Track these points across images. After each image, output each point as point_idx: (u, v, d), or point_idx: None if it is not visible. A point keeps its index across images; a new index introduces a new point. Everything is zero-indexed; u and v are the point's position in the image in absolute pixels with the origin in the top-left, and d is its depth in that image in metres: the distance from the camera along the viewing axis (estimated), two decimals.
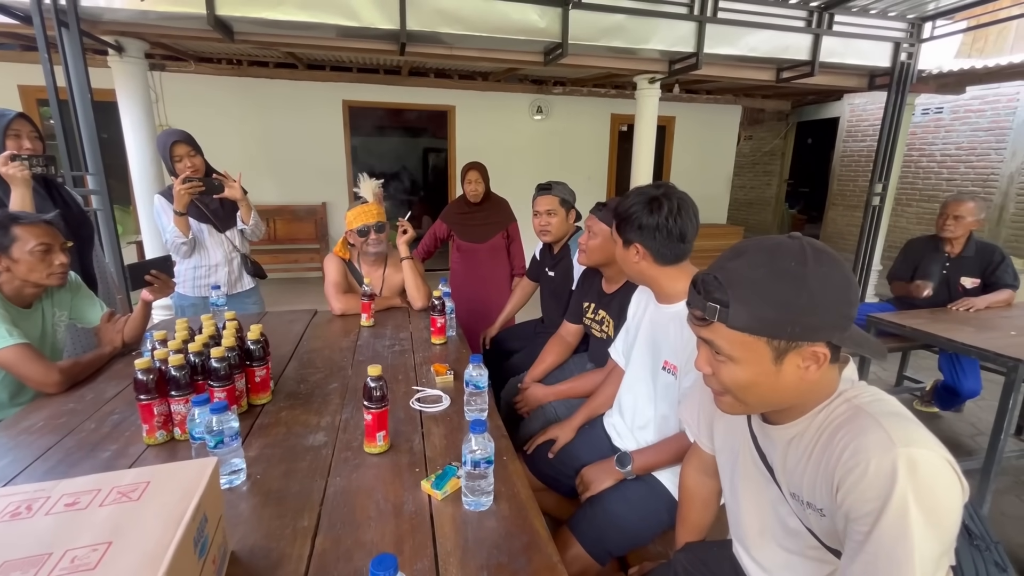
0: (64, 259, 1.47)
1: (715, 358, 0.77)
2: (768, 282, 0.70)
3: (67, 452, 1.12)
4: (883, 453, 0.62)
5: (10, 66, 4.76)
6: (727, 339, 0.73)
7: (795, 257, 0.70)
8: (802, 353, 0.71)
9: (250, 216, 2.25)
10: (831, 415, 0.73)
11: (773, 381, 0.73)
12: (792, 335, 0.70)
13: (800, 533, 0.81)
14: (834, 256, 0.72)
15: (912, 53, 4.32)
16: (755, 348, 0.72)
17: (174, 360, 1.14)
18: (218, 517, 0.78)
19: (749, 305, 0.70)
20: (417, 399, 1.39)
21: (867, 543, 0.63)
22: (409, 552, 0.84)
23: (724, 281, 0.72)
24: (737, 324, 0.71)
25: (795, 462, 0.77)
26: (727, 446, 0.95)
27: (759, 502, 0.89)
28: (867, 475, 0.63)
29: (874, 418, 0.66)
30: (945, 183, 6.09)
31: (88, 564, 0.57)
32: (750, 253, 0.73)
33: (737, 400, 0.78)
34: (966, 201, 2.59)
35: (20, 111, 1.76)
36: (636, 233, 1.23)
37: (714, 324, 0.74)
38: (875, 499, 0.62)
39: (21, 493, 0.70)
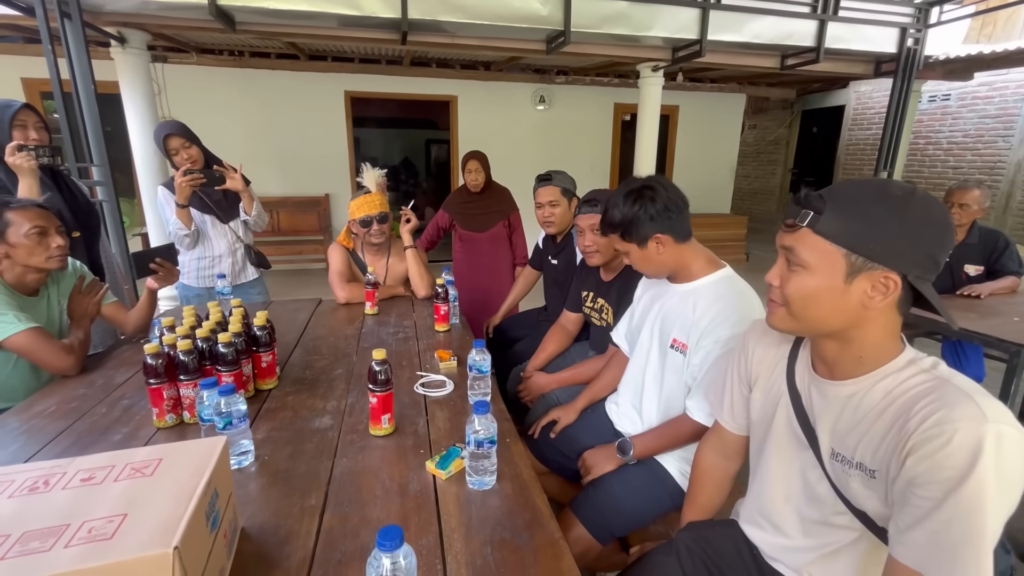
0: (61, 241, 1.46)
1: (788, 269, 0.79)
2: (869, 201, 0.73)
3: (79, 435, 1.15)
4: (973, 426, 0.63)
5: (13, 59, 4.77)
6: (809, 245, 0.75)
7: (903, 189, 0.73)
8: (874, 277, 0.72)
9: (252, 207, 2.26)
10: (908, 383, 0.73)
11: (837, 299, 0.74)
12: (872, 253, 0.71)
13: (826, 500, 0.83)
14: (941, 206, 0.73)
15: (919, 39, 4.27)
16: (832, 259, 0.73)
17: (182, 345, 1.16)
18: (228, 494, 0.80)
19: (842, 215, 0.73)
20: (421, 384, 1.41)
21: (938, 511, 0.64)
22: (415, 528, 0.86)
23: (827, 195, 0.75)
24: (824, 230, 0.73)
25: (851, 421, 0.78)
26: (762, 414, 0.96)
27: (788, 470, 0.90)
28: (950, 444, 0.63)
29: (966, 392, 0.67)
30: (952, 171, 6.05)
31: (105, 534, 0.60)
32: (860, 181, 0.76)
33: (791, 315, 0.79)
34: (971, 189, 2.57)
35: (25, 102, 1.77)
36: (650, 225, 1.22)
37: (801, 230, 0.76)
38: (954, 468, 0.63)
39: (38, 469, 0.72)
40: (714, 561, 1.00)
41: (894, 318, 0.76)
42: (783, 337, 0.94)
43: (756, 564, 0.97)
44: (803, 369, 0.88)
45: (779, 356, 0.93)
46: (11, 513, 0.63)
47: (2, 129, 1.69)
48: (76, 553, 0.57)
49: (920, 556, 0.67)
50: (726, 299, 1.20)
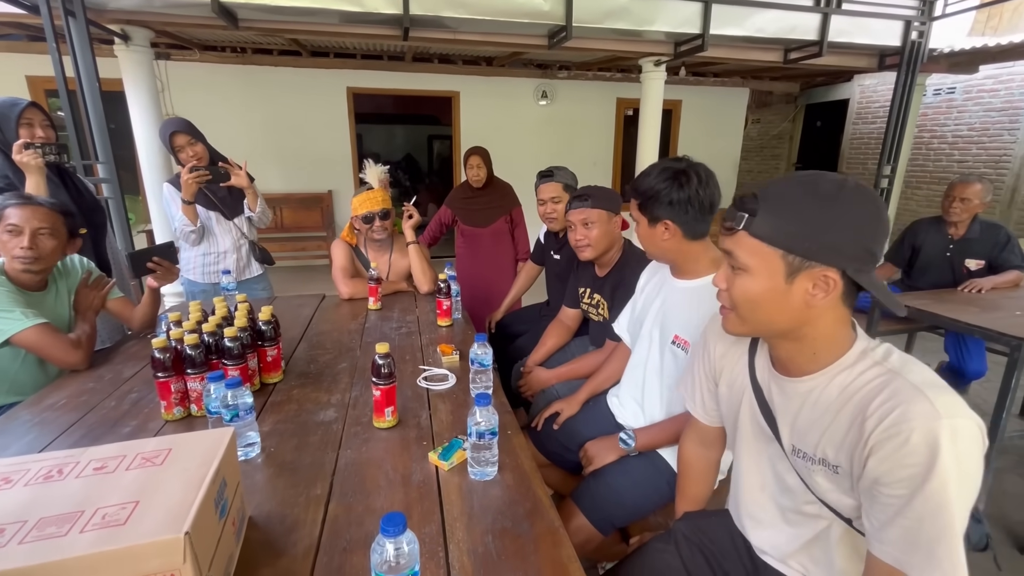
0: (24, 244, 1.41)
1: (732, 272, 0.79)
2: (799, 199, 0.73)
3: (89, 428, 1.17)
4: (927, 424, 0.64)
5: (17, 56, 4.79)
6: (746, 248, 0.76)
7: (833, 183, 0.72)
8: (813, 275, 0.72)
9: (257, 203, 2.28)
10: (862, 378, 0.73)
11: (780, 299, 0.75)
12: (808, 252, 0.71)
13: (796, 489, 0.84)
14: (875, 195, 0.74)
15: (923, 31, 4.24)
16: (770, 260, 0.74)
17: (189, 339, 1.18)
18: (236, 483, 0.82)
19: (774, 216, 0.73)
20: (424, 377, 1.43)
21: (907, 508, 0.65)
22: (418, 517, 0.88)
23: (760, 195, 0.75)
24: (759, 232, 0.74)
25: (810, 419, 0.79)
26: (728, 408, 0.98)
27: (758, 460, 0.92)
28: (909, 443, 0.64)
29: (918, 388, 0.67)
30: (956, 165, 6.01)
31: (118, 520, 0.62)
32: (795, 176, 0.76)
33: (741, 318, 0.80)
34: (973, 183, 2.56)
35: (32, 100, 1.79)
36: (666, 209, 1.21)
37: (739, 233, 0.76)
38: (916, 466, 0.64)
39: (52, 459, 0.74)
40: (711, 550, 1.02)
41: (841, 311, 0.76)
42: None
43: (749, 555, 0.99)
44: (763, 365, 0.89)
45: (740, 351, 0.94)
46: (27, 500, 0.65)
47: (9, 127, 1.71)
48: (92, 538, 0.59)
49: (898, 554, 0.68)
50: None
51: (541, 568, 0.78)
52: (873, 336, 0.80)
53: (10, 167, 1.72)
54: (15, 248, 1.42)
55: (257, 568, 0.78)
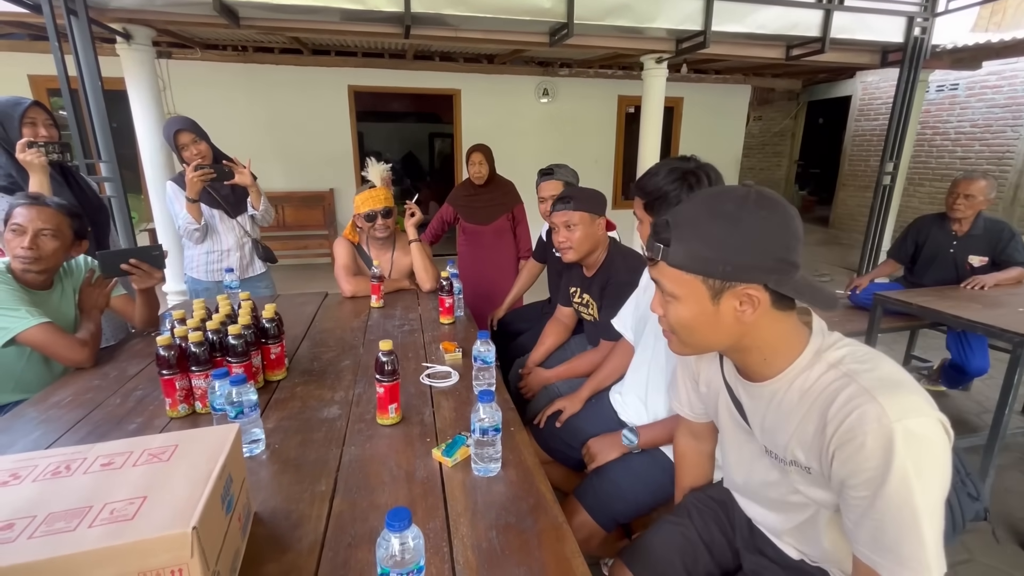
0: (25, 244, 1.42)
1: (664, 299, 0.80)
2: (704, 222, 0.73)
3: (95, 425, 1.18)
4: (880, 428, 0.65)
5: (20, 56, 4.80)
6: (669, 277, 0.77)
7: (735, 200, 0.73)
8: (737, 294, 0.73)
9: (260, 202, 2.29)
10: (820, 382, 0.74)
11: (712, 321, 0.76)
12: (724, 274, 0.72)
13: (779, 482, 0.86)
14: (778, 203, 0.73)
15: (926, 27, 4.23)
16: (693, 287, 0.75)
17: (193, 337, 1.18)
18: (241, 479, 0.82)
19: (686, 243, 0.74)
20: (427, 375, 1.43)
21: (872, 509, 0.67)
22: (422, 513, 0.89)
23: (671, 222, 0.76)
24: (675, 262, 0.75)
25: (775, 422, 0.80)
26: (708, 406, 1.00)
27: (740, 455, 0.94)
28: (865, 447, 0.65)
29: (869, 392, 0.67)
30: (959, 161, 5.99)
31: (126, 515, 0.62)
32: (698, 197, 0.77)
33: (682, 342, 0.82)
34: (977, 180, 2.55)
35: (35, 100, 1.80)
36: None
37: (659, 264, 0.77)
38: (873, 469, 0.65)
39: (60, 455, 0.75)
40: (721, 520, 1.04)
41: (776, 316, 0.76)
42: None
43: (750, 527, 1.01)
44: (730, 369, 0.91)
45: (711, 357, 0.96)
46: (36, 495, 0.66)
47: (12, 127, 1.72)
48: (100, 532, 0.59)
49: (870, 554, 0.69)
50: None
51: (545, 563, 0.79)
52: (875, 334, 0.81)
53: (14, 166, 1.73)
54: (17, 247, 1.43)
55: (263, 563, 0.79)
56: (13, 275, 1.46)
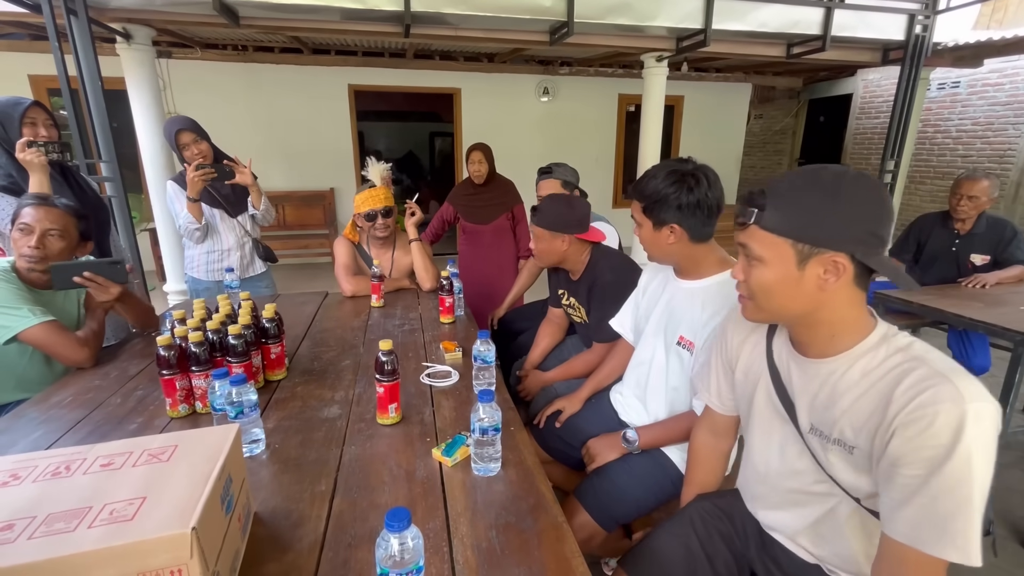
0: (32, 243, 1.43)
1: (748, 263, 0.84)
2: (803, 191, 0.78)
3: (96, 425, 1.18)
4: (953, 407, 0.66)
5: (20, 56, 4.80)
6: (758, 240, 0.81)
7: (834, 174, 0.77)
8: (823, 261, 0.76)
9: (260, 201, 2.29)
10: (886, 364, 0.76)
11: (794, 286, 0.79)
12: (815, 240, 0.76)
13: (806, 470, 0.87)
14: (876, 183, 0.77)
15: (927, 25, 4.21)
16: (781, 250, 0.78)
17: (193, 337, 1.18)
18: (241, 479, 0.82)
19: (781, 209, 0.78)
20: (427, 374, 1.43)
21: (925, 487, 0.68)
22: (422, 513, 0.89)
23: (768, 191, 0.80)
24: (768, 225, 0.79)
25: (830, 399, 0.81)
26: (743, 392, 1.00)
27: (769, 443, 0.94)
28: (934, 425, 0.67)
29: (944, 375, 0.70)
30: (961, 160, 5.98)
31: (126, 516, 0.62)
32: (798, 171, 0.80)
33: (759, 306, 0.85)
34: (980, 180, 2.54)
35: (35, 99, 1.80)
36: (674, 213, 1.19)
37: (751, 227, 0.81)
38: (938, 447, 0.67)
39: (60, 455, 0.75)
40: (726, 530, 1.04)
41: (855, 293, 0.79)
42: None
43: (759, 533, 1.01)
44: (782, 347, 0.92)
45: (758, 337, 0.97)
46: (36, 496, 0.66)
47: (13, 126, 1.72)
48: (100, 533, 0.59)
49: (911, 531, 0.70)
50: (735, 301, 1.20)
51: (545, 563, 0.79)
52: None
53: (14, 166, 1.73)
54: (23, 247, 1.44)
55: (263, 563, 0.79)
56: (18, 274, 1.46)
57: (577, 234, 1.66)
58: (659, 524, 1.09)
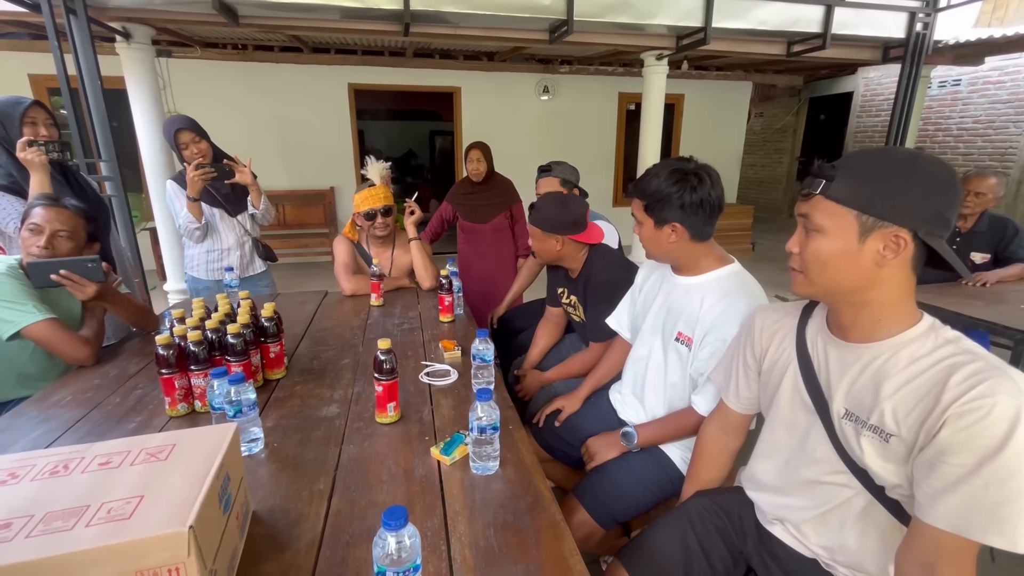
0: (41, 243, 1.44)
1: (806, 235, 0.84)
2: (876, 165, 0.78)
3: (95, 424, 1.18)
4: (1011, 399, 0.67)
5: (19, 55, 4.80)
6: (822, 210, 0.80)
7: (908, 153, 0.77)
8: (885, 235, 0.76)
9: (260, 201, 2.29)
10: (936, 354, 0.76)
11: (852, 259, 0.78)
12: (881, 212, 0.75)
13: (824, 460, 0.87)
14: (947, 165, 0.77)
15: (928, 23, 4.20)
16: (845, 221, 0.78)
17: (192, 336, 1.18)
18: (239, 478, 0.83)
19: (851, 180, 0.78)
20: (426, 373, 1.43)
21: (974, 476, 0.68)
22: (420, 511, 0.89)
23: (839, 164, 0.81)
24: (835, 195, 0.79)
25: (871, 384, 0.81)
26: (768, 382, 1.00)
27: (790, 435, 0.94)
28: (990, 416, 0.67)
29: (999, 368, 0.70)
30: (962, 158, 5.97)
31: (123, 514, 0.62)
32: (873, 149, 0.81)
33: (810, 280, 0.84)
34: (988, 177, 2.54)
35: (35, 99, 1.80)
36: (676, 212, 1.19)
37: (815, 197, 0.81)
38: (992, 437, 0.67)
39: (58, 454, 0.75)
40: (724, 527, 1.04)
41: (908, 277, 0.79)
42: (789, 310, 0.98)
43: (758, 531, 1.01)
44: (816, 333, 0.92)
45: (788, 328, 0.97)
46: (33, 495, 0.66)
47: (13, 126, 1.72)
48: (97, 532, 0.59)
49: (956, 518, 0.70)
50: (734, 296, 1.20)
51: (542, 561, 0.79)
52: None
53: (15, 165, 1.73)
54: (32, 246, 1.46)
55: (261, 562, 0.79)
56: (24, 271, 1.47)
57: (571, 235, 1.66)
58: (660, 517, 1.09)
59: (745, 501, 1.05)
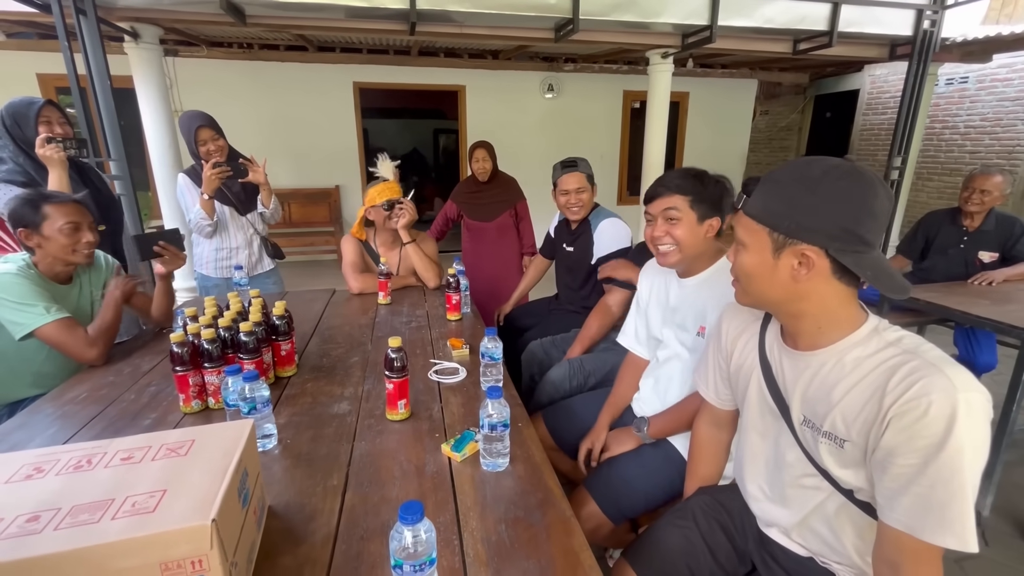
0: (91, 238, 1.52)
1: (736, 247, 0.87)
2: (786, 182, 0.80)
3: (111, 420, 1.20)
4: (945, 397, 0.67)
5: (29, 55, 4.83)
6: (743, 225, 0.84)
7: (822, 168, 0.78)
8: (796, 252, 0.78)
9: (271, 200, 2.31)
10: (878, 356, 0.76)
11: (770, 273, 0.81)
12: (788, 230, 0.78)
13: (795, 464, 0.89)
14: (865, 180, 0.75)
15: (935, 20, 4.17)
16: (759, 237, 0.81)
17: (206, 334, 1.20)
18: (256, 473, 0.84)
19: (764, 197, 0.81)
20: (435, 371, 1.45)
21: (921, 476, 0.69)
22: (432, 507, 0.91)
23: (763, 179, 0.83)
24: (750, 212, 0.82)
25: (821, 391, 0.82)
26: (736, 385, 1.02)
27: (763, 437, 0.96)
28: (927, 415, 0.68)
29: (934, 365, 0.71)
30: (968, 156, 5.93)
31: (148, 508, 0.64)
32: (797, 161, 0.82)
33: (744, 290, 0.88)
34: (994, 175, 2.52)
35: (48, 99, 1.82)
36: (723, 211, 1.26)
37: (739, 212, 0.85)
38: (932, 436, 0.68)
39: (81, 449, 0.77)
40: (727, 523, 1.05)
41: (839, 288, 0.79)
42: (754, 315, 0.99)
43: (757, 532, 1.02)
44: (773, 341, 0.93)
45: (751, 332, 0.98)
46: (60, 489, 0.68)
47: (29, 125, 1.74)
48: (123, 525, 0.61)
49: (908, 519, 0.71)
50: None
51: (553, 556, 0.80)
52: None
53: (32, 164, 1.76)
54: (80, 242, 1.50)
55: (278, 555, 0.80)
56: (38, 270, 1.48)
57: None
58: (665, 514, 1.10)
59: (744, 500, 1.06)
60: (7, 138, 1.76)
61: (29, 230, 1.45)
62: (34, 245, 1.47)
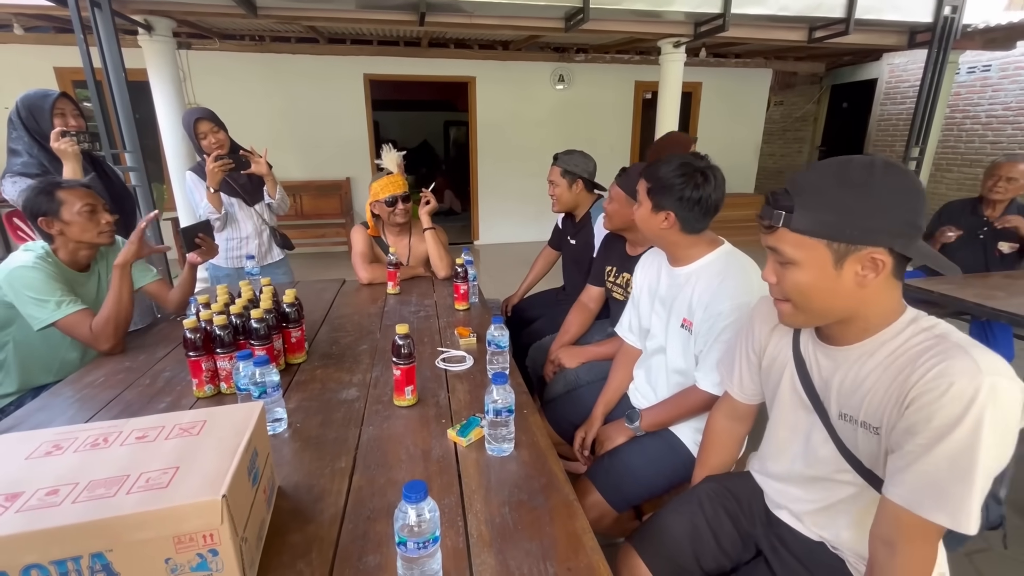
0: (110, 218, 1.56)
1: (780, 266, 0.82)
2: (832, 188, 0.75)
3: (127, 404, 1.23)
4: (969, 378, 0.66)
5: (45, 48, 4.91)
6: (790, 243, 0.78)
7: (862, 167, 0.75)
8: (861, 258, 0.74)
9: (276, 190, 2.34)
10: (910, 342, 0.76)
11: (833, 286, 0.77)
12: (851, 238, 0.74)
13: (828, 459, 0.88)
14: (903, 169, 0.75)
15: (957, 6, 4.07)
16: (816, 251, 0.76)
17: (218, 320, 1.23)
18: (266, 454, 0.86)
19: (812, 209, 0.75)
20: (442, 359, 1.46)
21: (929, 454, 0.68)
22: (437, 490, 0.92)
23: (792, 190, 0.78)
24: (799, 227, 0.76)
25: (855, 382, 0.81)
26: (768, 381, 1.01)
27: (793, 433, 0.95)
28: (947, 395, 0.67)
29: (962, 347, 0.70)
30: (990, 146, 5.79)
31: (161, 483, 0.66)
32: (822, 166, 0.78)
33: (796, 308, 0.82)
34: (1019, 163, 2.47)
35: (62, 91, 1.85)
36: (675, 203, 1.23)
37: (779, 230, 0.79)
38: (948, 415, 0.67)
39: (98, 428, 0.79)
40: (733, 509, 1.05)
41: (893, 285, 0.78)
42: None
43: (766, 514, 1.03)
44: (807, 336, 0.92)
45: (785, 329, 0.97)
46: (77, 465, 0.70)
47: (44, 117, 1.78)
48: (138, 499, 0.63)
49: (909, 495, 0.71)
50: (725, 274, 1.24)
51: (556, 537, 0.81)
52: None
53: (46, 156, 1.79)
54: (101, 222, 1.54)
55: (287, 533, 0.83)
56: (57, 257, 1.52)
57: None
58: (671, 500, 1.11)
59: (754, 486, 1.07)
60: (22, 130, 1.79)
61: (49, 218, 1.47)
62: (56, 232, 1.49)
